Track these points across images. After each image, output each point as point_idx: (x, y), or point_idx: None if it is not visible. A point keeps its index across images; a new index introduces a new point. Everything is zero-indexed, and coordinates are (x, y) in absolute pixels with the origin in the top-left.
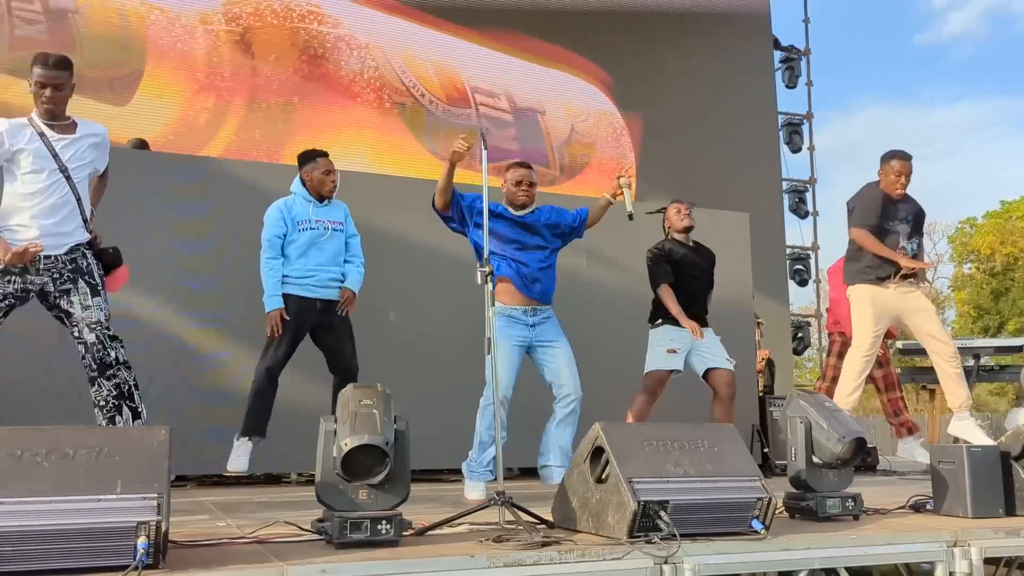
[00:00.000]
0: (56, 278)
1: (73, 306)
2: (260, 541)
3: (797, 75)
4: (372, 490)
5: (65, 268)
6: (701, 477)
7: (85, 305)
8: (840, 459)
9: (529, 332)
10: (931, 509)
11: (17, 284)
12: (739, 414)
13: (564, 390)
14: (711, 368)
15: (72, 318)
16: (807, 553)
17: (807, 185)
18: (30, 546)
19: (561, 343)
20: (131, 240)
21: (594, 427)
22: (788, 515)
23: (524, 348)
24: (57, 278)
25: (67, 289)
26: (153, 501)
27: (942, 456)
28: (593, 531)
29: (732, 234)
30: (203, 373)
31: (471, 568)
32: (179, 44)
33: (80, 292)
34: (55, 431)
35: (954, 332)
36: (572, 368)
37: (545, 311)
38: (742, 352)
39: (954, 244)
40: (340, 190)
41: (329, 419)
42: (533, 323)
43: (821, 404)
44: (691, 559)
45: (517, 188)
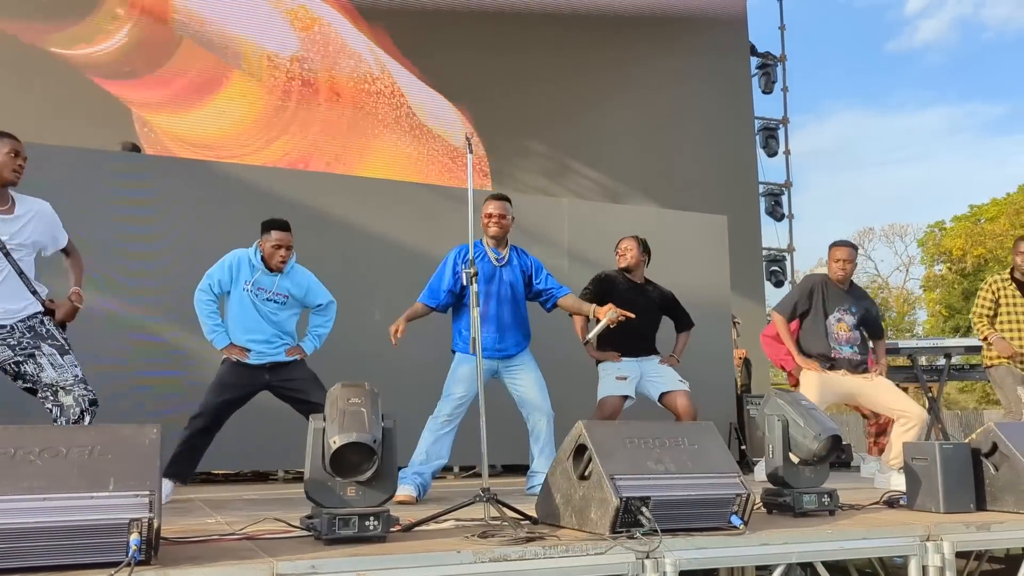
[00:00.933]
0: (14, 346)
1: (43, 369)
2: (250, 537)
3: (773, 81)
4: (360, 487)
5: (24, 336)
6: (682, 474)
7: (57, 365)
8: (816, 456)
9: (496, 364)
10: (904, 505)
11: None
12: (717, 412)
13: (534, 412)
14: (665, 392)
15: (41, 382)
16: (784, 548)
17: (783, 188)
18: (24, 543)
19: (529, 365)
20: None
21: (577, 425)
22: (766, 511)
23: (490, 372)
24: (15, 346)
25: (31, 354)
26: (145, 498)
27: (915, 453)
28: (576, 527)
29: (710, 236)
30: (193, 372)
31: (458, 563)
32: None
33: (47, 354)
34: (48, 430)
35: (925, 332)
36: (542, 390)
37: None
38: (720, 351)
39: (924, 247)
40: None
41: (318, 417)
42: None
43: (797, 402)
44: (672, 554)
45: (488, 220)
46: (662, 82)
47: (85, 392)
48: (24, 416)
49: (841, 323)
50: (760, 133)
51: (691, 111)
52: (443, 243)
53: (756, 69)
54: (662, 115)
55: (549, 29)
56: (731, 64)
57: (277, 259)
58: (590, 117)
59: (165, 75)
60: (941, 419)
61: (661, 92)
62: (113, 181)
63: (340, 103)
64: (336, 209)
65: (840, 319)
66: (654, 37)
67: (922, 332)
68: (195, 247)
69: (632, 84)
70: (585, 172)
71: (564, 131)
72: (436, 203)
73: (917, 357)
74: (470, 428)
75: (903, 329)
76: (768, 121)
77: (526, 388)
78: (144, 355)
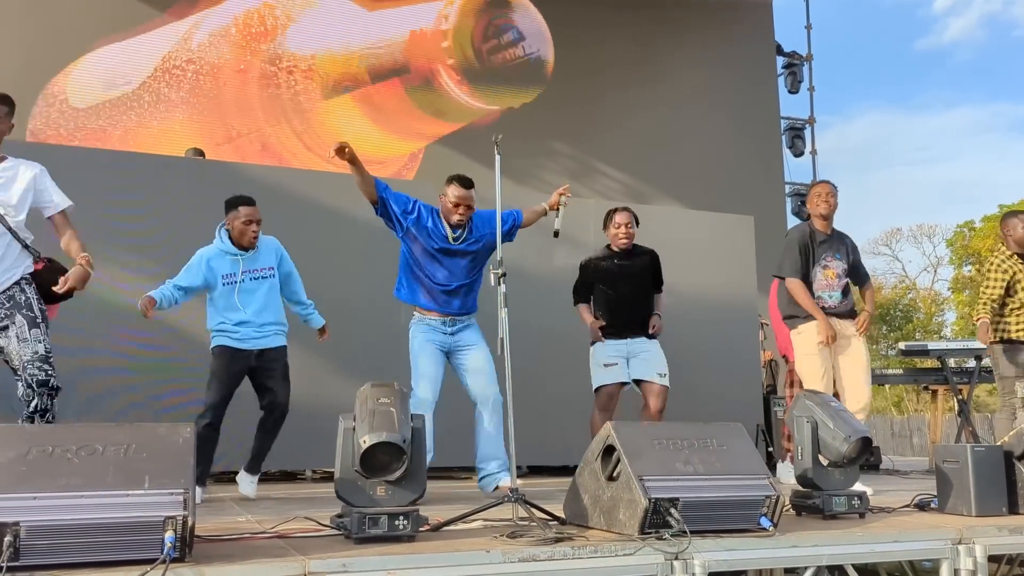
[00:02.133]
0: None
1: (10, 342)
2: (281, 536)
3: (799, 80)
4: (390, 486)
5: (2, 307)
6: (710, 475)
7: (22, 338)
8: (846, 458)
9: (448, 339)
10: (935, 508)
11: None
12: (743, 413)
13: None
14: (640, 380)
15: (11, 359)
16: (815, 550)
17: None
18: (61, 540)
19: (479, 346)
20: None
21: (606, 426)
22: (795, 513)
23: (444, 351)
24: None
25: (5, 327)
26: (179, 496)
27: (946, 455)
28: (605, 527)
29: (737, 236)
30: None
31: (487, 563)
32: None
33: (17, 326)
34: (85, 428)
35: (954, 334)
36: (489, 371)
37: (465, 320)
38: (746, 352)
39: (953, 247)
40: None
41: (348, 417)
42: (452, 331)
43: (827, 404)
44: (701, 555)
45: (455, 209)
46: (687, 82)
47: (36, 372)
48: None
49: (828, 270)
50: (786, 133)
51: (717, 111)
52: None
53: (782, 69)
54: (688, 115)
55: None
56: (757, 64)
57: (249, 235)
58: (615, 118)
59: None
60: (971, 421)
61: (687, 92)
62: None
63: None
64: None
65: (827, 266)
66: (679, 37)
67: (950, 334)
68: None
69: (657, 84)
70: (610, 173)
71: (589, 132)
72: None
73: (947, 359)
74: None
75: (931, 331)
76: (794, 121)
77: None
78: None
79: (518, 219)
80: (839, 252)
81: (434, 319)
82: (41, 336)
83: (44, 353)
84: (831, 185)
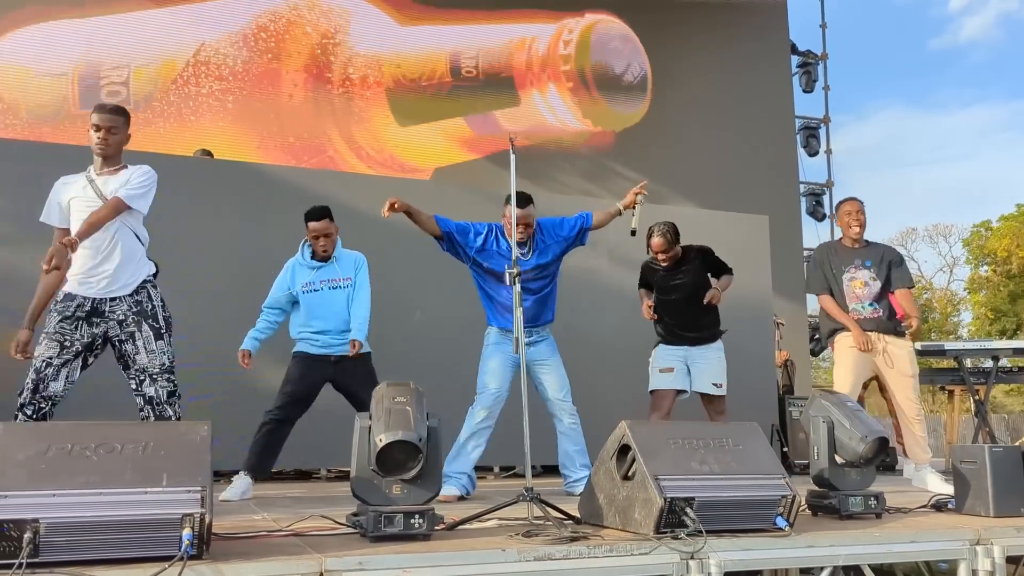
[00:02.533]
0: (121, 321)
1: (138, 352)
2: (297, 534)
3: (814, 79)
4: (405, 485)
5: (130, 311)
6: (726, 474)
7: (148, 350)
8: (863, 458)
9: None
10: (953, 508)
11: (85, 331)
12: (758, 413)
13: (556, 407)
14: (697, 392)
15: (134, 365)
16: (831, 550)
17: (824, 188)
18: (80, 537)
19: (553, 361)
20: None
21: (620, 425)
22: (811, 513)
23: (517, 365)
24: (122, 321)
25: (132, 333)
26: (197, 494)
27: (964, 456)
28: (620, 527)
29: (752, 236)
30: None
31: (503, 561)
32: None
33: (143, 336)
34: (103, 426)
35: (970, 334)
36: (563, 384)
37: (540, 333)
38: (761, 352)
39: (969, 247)
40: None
41: (364, 416)
42: (527, 343)
43: (843, 404)
44: (717, 555)
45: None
46: (702, 82)
47: (165, 384)
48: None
49: (855, 280)
50: (801, 132)
51: (731, 111)
52: None
53: (797, 68)
54: (702, 115)
55: None
56: (771, 63)
57: (319, 249)
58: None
59: None
60: (988, 422)
61: (701, 92)
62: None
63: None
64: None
65: (854, 277)
66: (693, 37)
67: (967, 335)
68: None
69: (671, 84)
70: (625, 173)
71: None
72: (474, 204)
73: (964, 359)
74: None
75: (947, 331)
76: (809, 120)
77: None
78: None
79: (587, 222)
80: (869, 259)
81: (510, 334)
82: (165, 347)
83: (169, 364)
84: (859, 203)
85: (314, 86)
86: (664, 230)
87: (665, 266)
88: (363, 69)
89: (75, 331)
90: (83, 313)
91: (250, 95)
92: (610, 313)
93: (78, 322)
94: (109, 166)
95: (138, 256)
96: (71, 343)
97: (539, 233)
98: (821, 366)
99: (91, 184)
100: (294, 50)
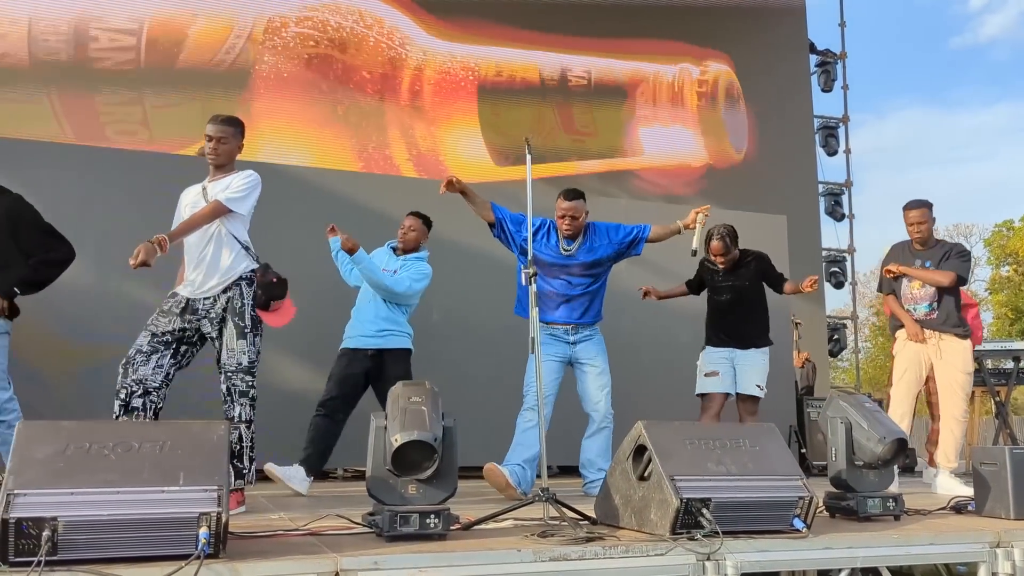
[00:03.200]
0: (213, 319)
1: (221, 349)
2: (314, 533)
3: (833, 79)
4: (421, 485)
5: (220, 308)
6: (743, 475)
7: (229, 348)
8: (881, 459)
9: (568, 349)
10: (972, 510)
11: (176, 323)
12: (776, 414)
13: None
14: (739, 392)
15: (218, 362)
16: (849, 552)
17: (843, 188)
18: (98, 535)
19: (598, 361)
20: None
21: (636, 425)
22: (828, 514)
23: (564, 362)
24: (214, 319)
25: (220, 330)
26: (214, 493)
27: (984, 458)
28: (636, 527)
29: (770, 236)
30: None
31: (518, 561)
32: None
33: (226, 334)
34: (121, 425)
35: (991, 335)
36: (604, 387)
37: (587, 331)
38: (778, 352)
39: (990, 247)
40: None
41: (380, 415)
42: (573, 340)
43: (861, 405)
44: (733, 556)
45: (560, 220)
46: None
47: (239, 383)
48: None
49: (913, 282)
50: (819, 132)
51: (750, 110)
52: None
53: (815, 67)
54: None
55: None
56: (790, 62)
57: (401, 239)
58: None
59: None
60: (1009, 424)
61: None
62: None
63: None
64: (393, 208)
65: (911, 279)
66: (711, 35)
67: (987, 335)
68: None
69: None
70: (641, 173)
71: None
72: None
73: (984, 360)
74: None
75: None
76: (828, 120)
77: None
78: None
79: (643, 232)
80: (929, 260)
81: (557, 329)
82: (247, 347)
83: (248, 365)
84: (922, 209)
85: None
86: (723, 233)
87: (722, 267)
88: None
89: (168, 323)
90: (178, 309)
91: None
92: (626, 316)
93: (171, 316)
94: (221, 174)
95: (233, 256)
96: (162, 332)
97: (592, 233)
98: (839, 366)
99: (203, 191)
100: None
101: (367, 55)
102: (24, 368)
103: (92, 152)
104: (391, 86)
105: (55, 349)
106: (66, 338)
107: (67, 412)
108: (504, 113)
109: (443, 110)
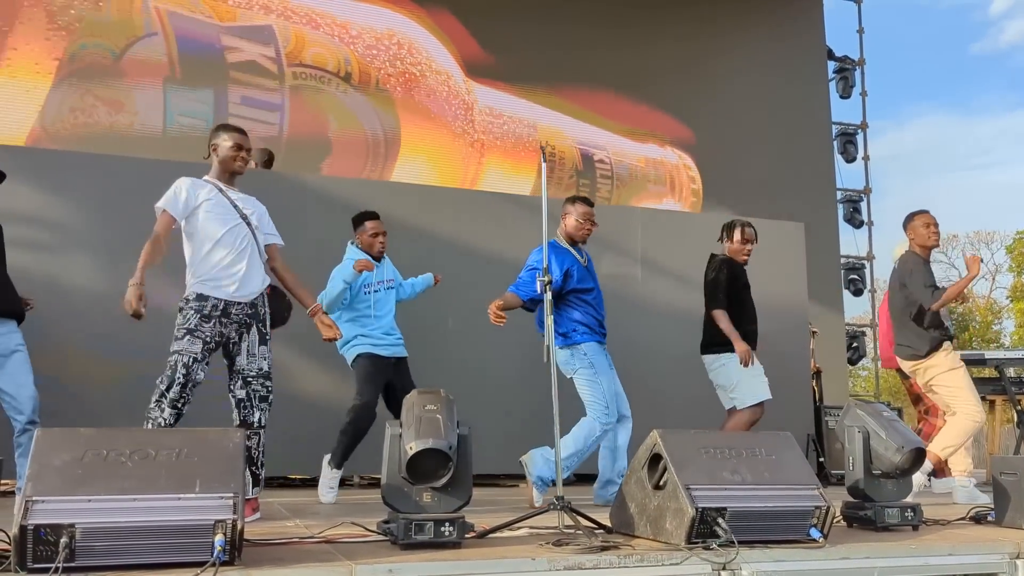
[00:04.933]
0: (239, 323)
1: (240, 353)
2: (329, 541)
3: (851, 85)
4: (436, 493)
5: (246, 314)
6: (759, 485)
7: (250, 353)
8: (899, 469)
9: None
10: (992, 521)
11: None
12: (794, 423)
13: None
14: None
15: (233, 366)
16: (867, 562)
17: (862, 195)
18: (115, 542)
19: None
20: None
21: (652, 434)
22: (846, 524)
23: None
24: (239, 323)
25: (242, 335)
26: (229, 500)
27: (1004, 467)
28: (651, 536)
29: (788, 243)
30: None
31: (533, 570)
32: None
33: (249, 339)
34: (138, 433)
35: (1013, 343)
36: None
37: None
38: (797, 361)
39: (1012, 254)
40: (401, 199)
41: (395, 423)
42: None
43: (879, 414)
44: (749, 566)
45: (583, 225)
46: (737, 88)
47: (259, 388)
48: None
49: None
50: (838, 138)
51: (767, 117)
52: (515, 250)
53: (833, 73)
54: (737, 121)
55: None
56: (808, 69)
57: (378, 246)
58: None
59: None
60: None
61: (736, 98)
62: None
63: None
64: (409, 217)
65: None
66: (728, 42)
67: (1009, 343)
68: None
69: (706, 89)
70: None
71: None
72: (508, 210)
73: (1005, 369)
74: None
75: (988, 339)
76: (846, 126)
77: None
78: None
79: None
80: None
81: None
82: (267, 353)
83: (267, 370)
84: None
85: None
86: (749, 223)
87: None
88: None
89: (211, 329)
90: (217, 313)
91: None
92: (639, 322)
93: (213, 320)
94: (235, 183)
95: (263, 263)
96: (210, 340)
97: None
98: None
99: (221, 193)
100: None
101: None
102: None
103: (112, 161)
104: None
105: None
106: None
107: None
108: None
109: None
